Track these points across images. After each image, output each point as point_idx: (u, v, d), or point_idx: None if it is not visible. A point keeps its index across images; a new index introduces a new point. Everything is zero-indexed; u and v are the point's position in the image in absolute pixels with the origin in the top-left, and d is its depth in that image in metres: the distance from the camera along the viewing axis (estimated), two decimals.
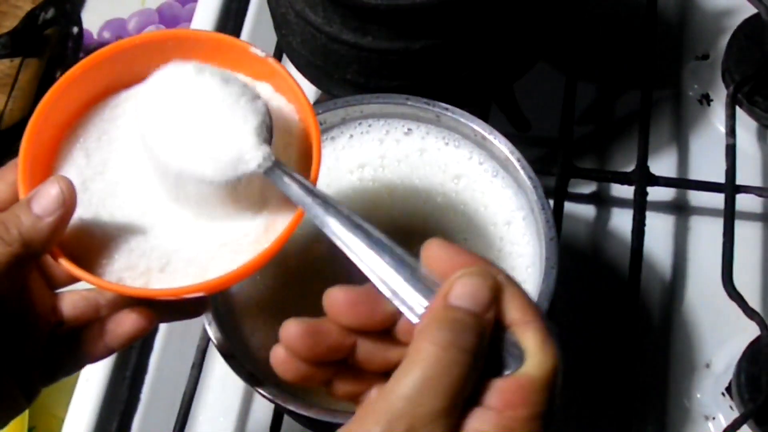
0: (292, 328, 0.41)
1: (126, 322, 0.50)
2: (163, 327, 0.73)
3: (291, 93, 0.52)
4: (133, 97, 0.53)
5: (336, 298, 0.42)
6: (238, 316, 0.60)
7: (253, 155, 0.47)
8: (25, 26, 0.86)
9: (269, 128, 0.48)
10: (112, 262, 0.48)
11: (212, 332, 0.58)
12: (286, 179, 0.47)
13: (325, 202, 0.45)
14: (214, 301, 0.59)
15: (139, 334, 0.51)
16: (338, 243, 0.43)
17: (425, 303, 0.40)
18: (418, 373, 0.38)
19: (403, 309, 0.41)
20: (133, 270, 0.48)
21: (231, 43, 0.53)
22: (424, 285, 0.41)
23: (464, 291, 0.39)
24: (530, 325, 0.39)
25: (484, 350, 0.39)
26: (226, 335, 0.58)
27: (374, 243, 0.42)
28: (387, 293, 0.41)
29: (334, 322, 0.42)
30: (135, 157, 0.51)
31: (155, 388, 0.72)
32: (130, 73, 0.53)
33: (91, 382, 0.69)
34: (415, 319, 0.40)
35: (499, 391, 0.38)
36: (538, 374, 0.39)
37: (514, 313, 0.40)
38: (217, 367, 0.71)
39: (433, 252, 0.41)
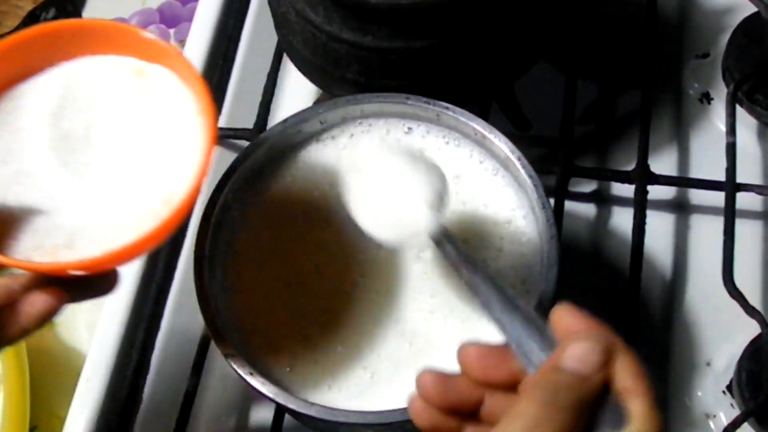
0: (427, 378, 0.45)
1: (38, 302, 0.50)
2: (164, 327, 0.73)
3: (187, 73, 0.54)
4: (34, 88, 0.55)
5: (470, 352, 0.45)
6: (239, 315, 0.60)
7: (424, 221, 0.52)
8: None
9: (441, 196, 0.53)
10: (18, 242, 0.50)
11: (213, 332, 0.58)
12: (448, 246, 0.52)
13: (476, 265, 0.50)
14: (215, 301, 0.59)
15: (52, 312, 0.51)
16: (480, 302, 0.48)
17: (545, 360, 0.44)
18: (515, 426, 0.40)
19: (526, 365, 0.44)
20: (41, 248, 0.50)
21: (123, 29, 0.56)
22: (548, 345, 0.44)
23: (574, 353, 0.42)
24: (640, 393, 0.42)
25: (585, 411, 0.41)
26: (226, 334, 0.58)
27: (510, 304, 0.47)
28: (515, 349, 0.45)
29: (466, 374, 0.45)
30: (39, 145, 0.53)
31: (156, 388, 0.72)
32: (29, 64, 0.55)
33: (92, 381, 0.69)
34: None
35: None
36: None
37: (625, 380, 0.42)
38: (218, 367, 0.71)
39: (561, 315, 0.45)
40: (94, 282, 0.53)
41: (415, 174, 0.53)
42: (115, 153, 0.53)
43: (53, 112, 0.54)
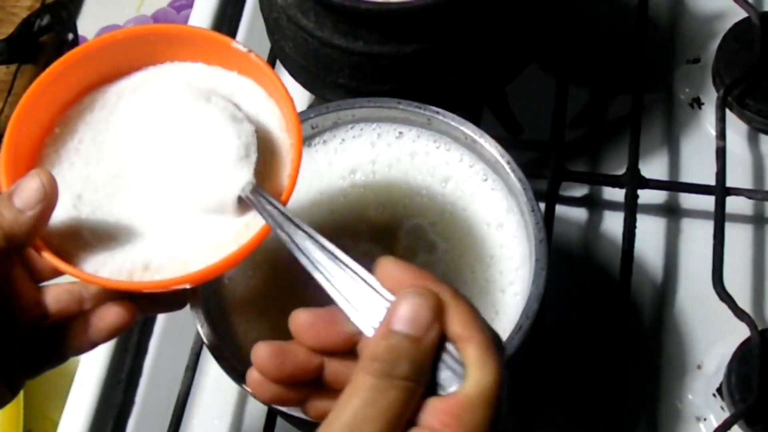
0: (260, 350, 0.43)
1: (109, 316, 0.51)
2: (157, 330, 0.74)
3: (276, 93, 0.53)
4: (118, 94, 0.54)
5: (299, 319, 0.44)
6: (230, 318, 0.60)
7: (235, 182, 0.49)
8: (21, 33, 0.86)
9: (251, 148, 0.50)
10: (96, 257, 0.49)
11: (205, 334, 0.58)
12: (263, 203, 0.48)
13: (296, 225, 0.46)
14: (207, 304, 0.60)
15: (123, 327, 0.51)
16: (304, 262, 0.45)
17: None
18: (356, 402, 0.39)
19: (361, 328, 0.42)
20: (116, 264, 0.49)
21: (212, 37, 0.54)
22: (380, 302, 0.42)
23: (404, 313, 0.41)
24: (471, 340, 0.40)
25: (423, 373, 0.40)
26: (218, 337, 0.58)
27: (337, 263, 0.44)
28: (348, 311, 0.43)
29: (300, 343, 0.43)
30: (122, 157, 0.52)
31: (149, 391, 0.72)
32: (115, 68, 0.54)
33: (86, 384, 0.70)
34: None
35: (436, 412, 0.40)
36: (475, 392, 0.40)
37: (456, 328, 0.41)
38: (211, 370, 0.71)
39: (386, 269, 0.43)
40: (166, 298, 0.53)
41: (215, 126, 0.50)
42: (195, 171, 0.51)
43: (141, 120, 0.52)
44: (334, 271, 0.44)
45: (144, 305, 0.52)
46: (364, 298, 0.43)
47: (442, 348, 0.41)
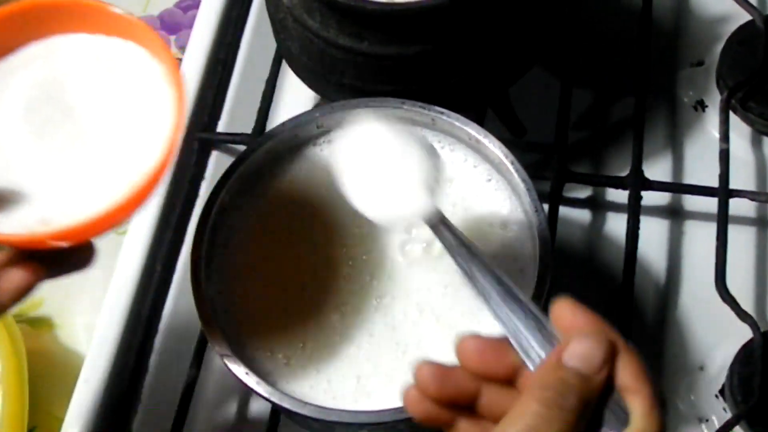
0: (424, 369, 0.45)
1: (15, 278, 0.51)
2: (162, 329, 0.74)
3: (156, 49, 0.54)
4: (7, 67, 0.55)
5: (467, 345, 0.45)
6: (235, 317, 0.61)
7: (419, 203, 0.52)
8: None
9: (437, 179, 0.53)
10: None
11: (209, 333, 0.59)
12: (444, 231, 0.51)
13: (474, 253, 0.49)
14: (212, 303, 0.60)
15: (29, 287, 0.51)
16: (478, 291, 0.47)
17: (544, 357, 0.43)
18: (520, 426, 0.40)
19: (525, 360, 0.44)
20: (14, 222, 0.50)
21: (90, 5, 0.55)
22: (548, 340, 0.44)
23: (577, 351, 0.42)
24: (641, 392, 0.42)
25: (588, 410, 0.41)
26: (223, 336, 0.58)
27: (509, 296, 0.46)
28: (514, 344, 0.44)
29: (464, 367, 0.45)
30: (13, 123, 0.53)
31: (154, 389, 0.72)
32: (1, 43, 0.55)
33: (91, 382, 0.70)
34: (533, 370, 0.44)
35: None
36: None
37: (626, 378, 0.42)
38: (215, 368, 0.72)
39: (562, 310, 0.44)
40: (70, 256, 0.53)
41: (411, 155, 0.53)
42: (88, 129, 0.53)
43: (26, 92, 0.54)
44: (506, 302, 0.46)
45: (49, 266, 0.52)
46: (533, 334, 0.44)
47: (608, 393, 0.42)
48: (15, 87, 0.55)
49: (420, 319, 0.59)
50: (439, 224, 0.51)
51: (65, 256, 0.53)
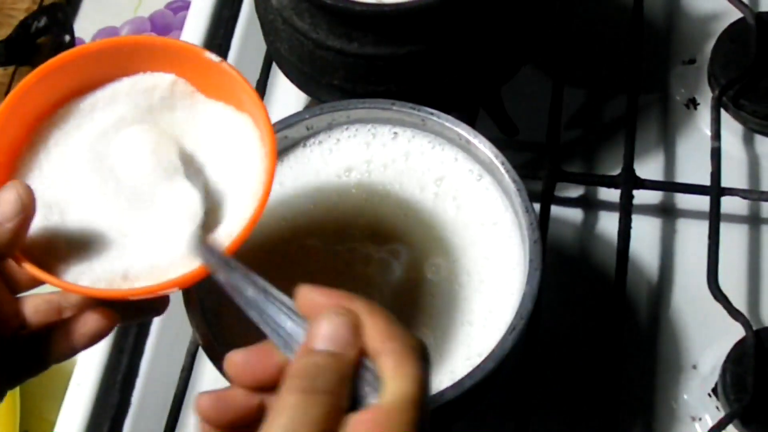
0: (201, 401, 0.44)
1: (89, 323, 0.51)
2: (153, 332, 0.74)
3: (250, 105, 0.53)
4: (92, 105, 0.54)
5: (234, 360, 0.44)
6: (226, 320, 0.61)
7: (182, 240, 0.50)
8: (18, 35, 0.86)
9: (202, 206, 0.51)
10: (75, 266, 0.49)
11: (200, 336, 0.58)
12: (207, 254, 0.49)
13: (230, 265, 0.47)
14: (202, 305, 0.60)
15: (103, 334, 0.52)
16: (238, 302, 0.46)
17: None
18: (282, 421, 0.39)
19: (289, 356, 0.43)
20: (95, 273, 0.49)
21: (182, 47, 0.55)
22: (304, 327, 0.43)
23: (323, 331, 0.41)
24: (386, 352, 0.41)
25: (344, 388, 0.41)
26: (214, 339, 0.58)
27: (262, 293, 0.45)
28: (277, 341, 0.44)
29: (238, 384, 0.44)
30: (98, 166, 0.52)
31: (146, 392, 0.72)
32: (89, 79, 0.54)
33: (83, 386, 0.70)
34: None
35: (354, 424, 0.40)
36: (391, 400, 0.40)
37: (373, 343, 0.41)
38: (207, 371, 0.71)
39: (305, 294, 0.43)
40: (145, 305, 0.53)
41: (164, 181, 0.52)
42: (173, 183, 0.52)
43: (107, 137, 0.53)
44: (265, 306, 0.45)
45: (124, 312, 0.53)
46: (291, 328, 0.43)
47: (362, 365, 0.41)
48: (105, 125, 0.53)
49: (410, 320, 0.59)
50: (201, 249, 0.50)
51: (140, 304, 0.53)
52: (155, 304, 0.54)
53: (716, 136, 0.73)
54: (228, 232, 0.51)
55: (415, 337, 0.42)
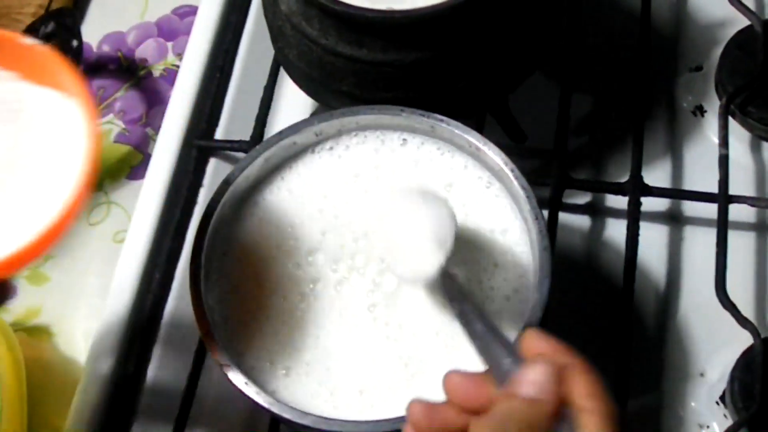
0: (415, 407, 0.48)
1: None
2: (160, 337, 0.74)
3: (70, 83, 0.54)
4: None
5: (453, 379, 0.48)
6: (235, 327, 0.61)
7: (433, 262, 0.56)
8: None
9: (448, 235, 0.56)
10: None
11: (208, 342, 0.58)
12: (447, 281, 0.55)
13: (464, 295, 0.54)
14: (211, 313, 0.60)
15: None
16: (466, 330, 0.51)
17: None
18: None
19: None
20: None
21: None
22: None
23: (528, 379, 0.45)
24: (592, 411, 0.44)
25: None
26: (222, 345, 0.58)
27: (490, 330, 0.50)
28: (494, 374, 0.47)
29: (451, 401, 0.48)
30: None
31: (153, 398, 0.72)
32: None
33: (90, 391, 0.70)
34: None
35: None
36: None
37: (579, 397, 0.44)
38: (214, 377, 0.71)
39: (529, 338, 0.48)
40: None
41: (426, 216, 0.57)
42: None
43: None
44: (490, 342, 0.49)
45: None
46: (508, 365, 0.47)
47: (564, 417, 0.44)
48: None
49: (420, 331, 0.59)
50: (444, 276, 0.56)
51: None
52: None
53: (724, 143, 0.73)
54: (46, 219, 0.51)
55: (617, 406, 0.45)
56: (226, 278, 0.62)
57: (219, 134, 0.82)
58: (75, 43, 0.85)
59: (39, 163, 0.53)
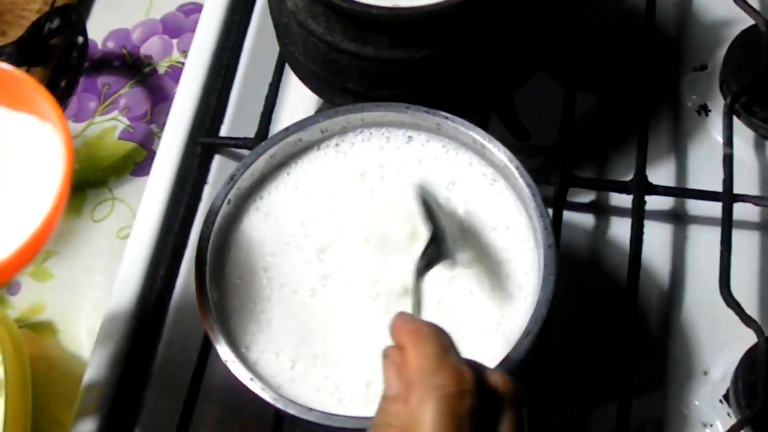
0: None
1: None
2: (165, 334, 0.74)
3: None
4: None
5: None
6: (240, 322, 0.61)
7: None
8: (31, 36, 0.86)
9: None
10: None
11: (214, 338, 0.58)
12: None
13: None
14: (216, 306, 0.60)
15: None
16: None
17: None
18: None
19: None
20: None
21: None
22: None
23: None
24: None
25: None
26: (227, 339, 0.58)
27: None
28: None
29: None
30: None
31: (158, 393, 0.72)
32: None
33: (94, 387, 0.70)
34: None
35: None
36: None
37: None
38: (218, 372, 0.71)
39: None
40: None
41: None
42: None
43: None
44: None
45: None
46: None
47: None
48: None
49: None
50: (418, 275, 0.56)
51: None
52: None
53: (728, 142, 0.73)
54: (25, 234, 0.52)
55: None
56: (231, 273, 0.62)
57: (224, 131, 0.82)
58: (80, 39, 0.85)
59: (18, 184, 0.55)
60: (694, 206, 0.77)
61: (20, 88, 0.55)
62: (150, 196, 0.77)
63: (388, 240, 0.62)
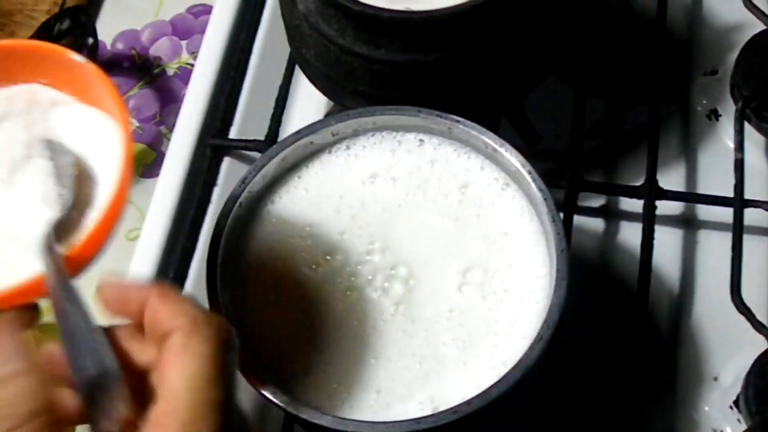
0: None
1: None
2: None
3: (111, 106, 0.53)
4: None
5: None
6: (250, 326, 0.60)
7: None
8: (40, 37, 0.86)
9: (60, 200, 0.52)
10: None
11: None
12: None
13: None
14: (226, 310, 0.60)
15: None
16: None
17: None
18: None
19: None
20: None
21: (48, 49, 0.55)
22: None
23: None
24: (177, 329, 0.46)
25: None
26: (238, 344, 0.58)
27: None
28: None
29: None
30: None
31: None
32: None
33: None
34: None
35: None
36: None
37: (165, 323, 0.47)
38: None
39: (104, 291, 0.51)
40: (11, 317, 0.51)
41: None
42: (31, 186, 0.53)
43: None
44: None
45: None
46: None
47: None
48: None
49: (435, 328, 0.59)
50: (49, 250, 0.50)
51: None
52: (23, 314, 0.51)
53: (739, 147, 0.73)
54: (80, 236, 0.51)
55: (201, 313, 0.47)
56: (241, 278, 0.62)
57: (233, 133, 0.82)
58: (91, 40, 0.85)
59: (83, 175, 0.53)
60: (705, 211, 0.77)
61: (90, 80, 0.54)
62: (159, 197, 0.77)
63: (397, 244, 0.62)
